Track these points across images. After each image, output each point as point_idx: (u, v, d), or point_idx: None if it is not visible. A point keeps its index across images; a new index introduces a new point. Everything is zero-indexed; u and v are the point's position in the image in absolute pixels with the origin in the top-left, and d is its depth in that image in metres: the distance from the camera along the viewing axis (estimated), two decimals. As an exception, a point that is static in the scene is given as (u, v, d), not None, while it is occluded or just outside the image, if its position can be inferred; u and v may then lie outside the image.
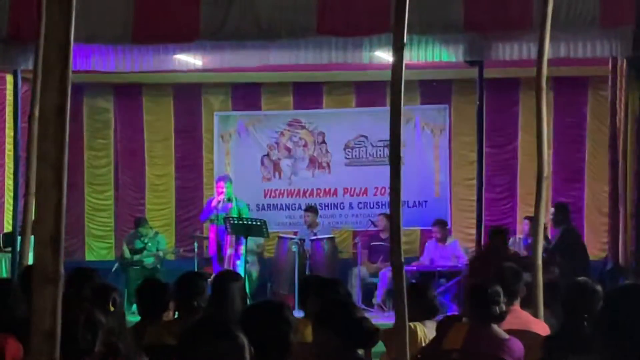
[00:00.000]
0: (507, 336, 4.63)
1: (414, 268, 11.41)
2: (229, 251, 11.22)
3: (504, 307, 4.68)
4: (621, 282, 8.80)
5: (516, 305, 5.23)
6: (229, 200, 11.41)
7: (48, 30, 2.64)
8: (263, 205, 13.18)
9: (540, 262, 6.26)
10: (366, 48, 9.66)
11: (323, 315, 4.03)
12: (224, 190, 11.39)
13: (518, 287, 5.33)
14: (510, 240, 11.97)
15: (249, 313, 3.74)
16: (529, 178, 10.68)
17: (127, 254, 12.12)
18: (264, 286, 12.11)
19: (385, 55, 9.48)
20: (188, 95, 13.50)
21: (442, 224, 11.96)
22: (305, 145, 13.40)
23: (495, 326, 4.66)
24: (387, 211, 6.61)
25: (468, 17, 9.01)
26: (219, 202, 11.38)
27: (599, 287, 4.68)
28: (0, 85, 12.41)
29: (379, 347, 4.67)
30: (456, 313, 7.78)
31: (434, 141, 13.16)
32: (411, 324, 5.09)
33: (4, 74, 11.71)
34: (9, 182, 12.05)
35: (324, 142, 13.38)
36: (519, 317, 5.18)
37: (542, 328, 5.19)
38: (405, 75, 4.44)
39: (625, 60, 9.50)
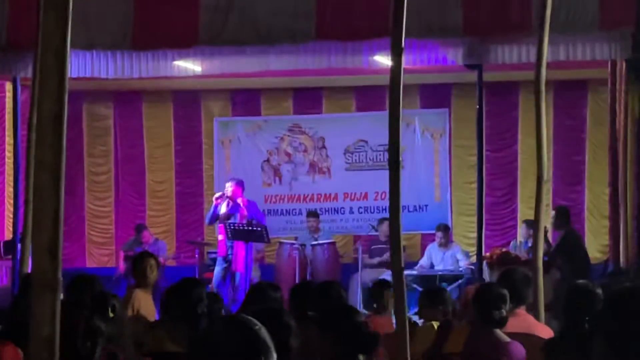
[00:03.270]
0: (508, 340, 4.61)
1: (415, 272, 11.39)
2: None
3: (504, 313, 4.66)
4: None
5: (522, 309, 5.22)
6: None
7: (44, 36, 2.63)
8: (263, 210, 13.12)
9: (540, 264, 6.25)
10: (365, 52, 9.65)
11: (324, 320, 4.02)
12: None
13: (527, 292, 5.32)
14: (511, 244, 11.97)
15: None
16: (530, 181, 10.67)
17: None
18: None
19: (384, 60, 9.46)
20: (188, 101, 13.49)
21: (445, 228, 11.94)
22: (305, 151, 13.39)
23: (496, 330, 4.65)
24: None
25: (467, 20, 8.99)
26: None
27: (599, 290, 4.67)
28: (0, 93, 12.41)
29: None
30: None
31: (434, 145, 13.15)
32: (433, 323, 5.22)
33: (3, 81, 11.71)
34: (9, 190, 12.04)
35: (324, 147, 13.37)
36: (524, 321, 5.16)
37: (546, 332, 5.17)
38: (404, 79, 4.43)
39: (624, 63, 9.48)
